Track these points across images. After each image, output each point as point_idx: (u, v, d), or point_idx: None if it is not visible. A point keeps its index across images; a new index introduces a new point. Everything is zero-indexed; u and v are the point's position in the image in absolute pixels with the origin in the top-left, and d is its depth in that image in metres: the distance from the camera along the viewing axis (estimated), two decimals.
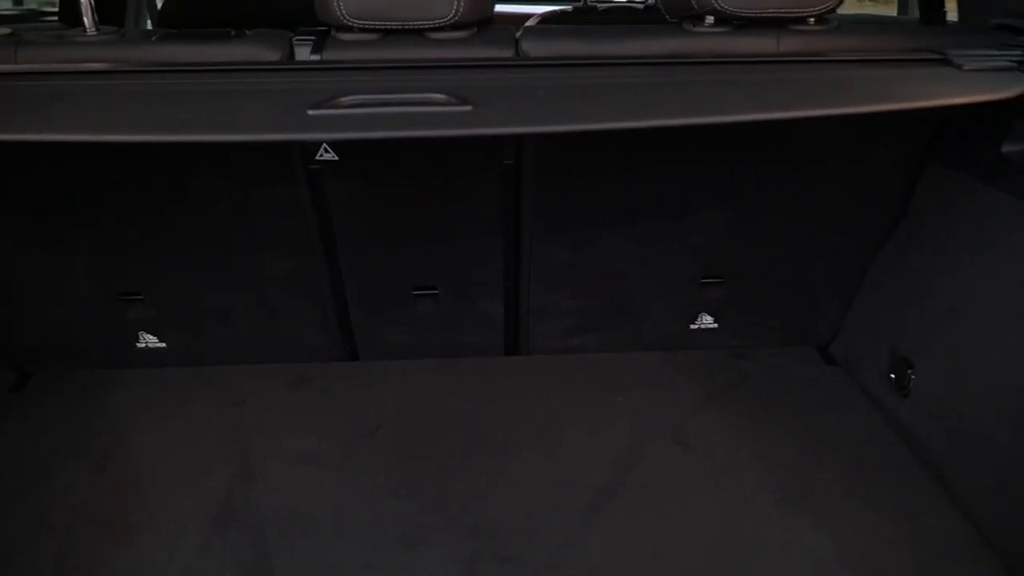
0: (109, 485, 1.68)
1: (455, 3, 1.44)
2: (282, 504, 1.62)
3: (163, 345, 1.99)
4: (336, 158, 1.63)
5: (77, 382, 2.01)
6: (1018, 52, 1.46)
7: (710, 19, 1.53)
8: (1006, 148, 1.53)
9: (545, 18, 2.64)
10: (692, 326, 2.05)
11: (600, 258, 1.90)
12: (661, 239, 1.89)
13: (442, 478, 1.69)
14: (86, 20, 1.55)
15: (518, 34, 1.57)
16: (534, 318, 2.01)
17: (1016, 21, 1.59)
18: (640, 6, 2.75)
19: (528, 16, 2.61)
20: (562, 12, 2.78)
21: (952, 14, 2.15)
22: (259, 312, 1.97)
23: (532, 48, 1.53)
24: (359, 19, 1.45)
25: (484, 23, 1.56)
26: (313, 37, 1.53)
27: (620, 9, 2.82)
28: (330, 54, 1.50)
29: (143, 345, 2.00)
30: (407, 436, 1.83)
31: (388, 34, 1.51)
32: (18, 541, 1.53)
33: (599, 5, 2.67)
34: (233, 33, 1.54)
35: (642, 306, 2.02)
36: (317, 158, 1.63)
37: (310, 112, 1.27)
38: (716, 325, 2.05)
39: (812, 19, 1.54)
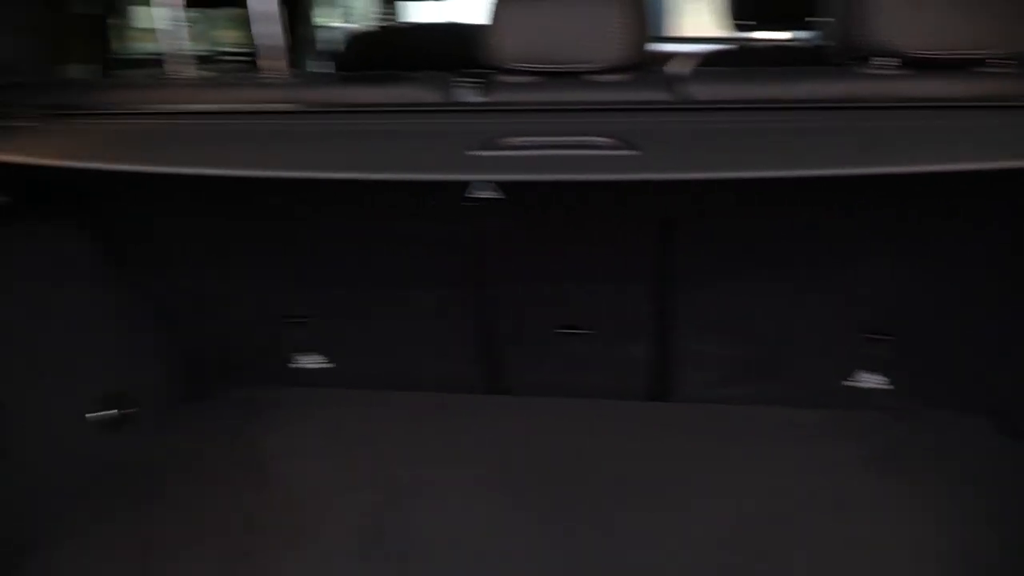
0: (268, 497, 1.78)
1: (614, 46, 1.44)
2: (425, 529, 1.66)
3: (323, 367, 2.09)
4: (492, 196, 1.67)
5: (243, 397, 2.15)
6: None
7: (886, 61, 1.45)
8: None
9: (708, 58, 2.59)
10: (851, 383, 1.93)
11: (754, 307, 1.83)
12: (820, 289, 1.79)
13: (575, 518, 1.67)
14: (277, 63, 1.67)
15: (678, 75, 1.55)
16: (682, 365, 1.96)
17: None
18: (807, 44, 2.65)
19: (674, 55, 2.57)
20: (725, 52, 2.73)
21: None
22: (411, 342, 2.03)
23: (695, 91, 1.50)
24: (519, 62, 1.48)
25: (641, 65, 1.55)
26: (473, 79, 1.58)
27: (784, 48, 2.73)
28: (490, 96, 1.53)
29: (305, 366, 2.10)
30: (544, 473, 1.82)
31: (547, 77, 1.53)
32: (185, 541, 1.65)
33: (758, 44, 2.60)
34: (399, 76, 1.61)
35: (797, 359, 1.92)
36: (474, 195, 1.67)
37: (471, 153, 1.31)
38: (878, 385, 1.92)
39: (1005, 60, 1.42)
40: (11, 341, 1.62)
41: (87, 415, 1.80)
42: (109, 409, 1.86)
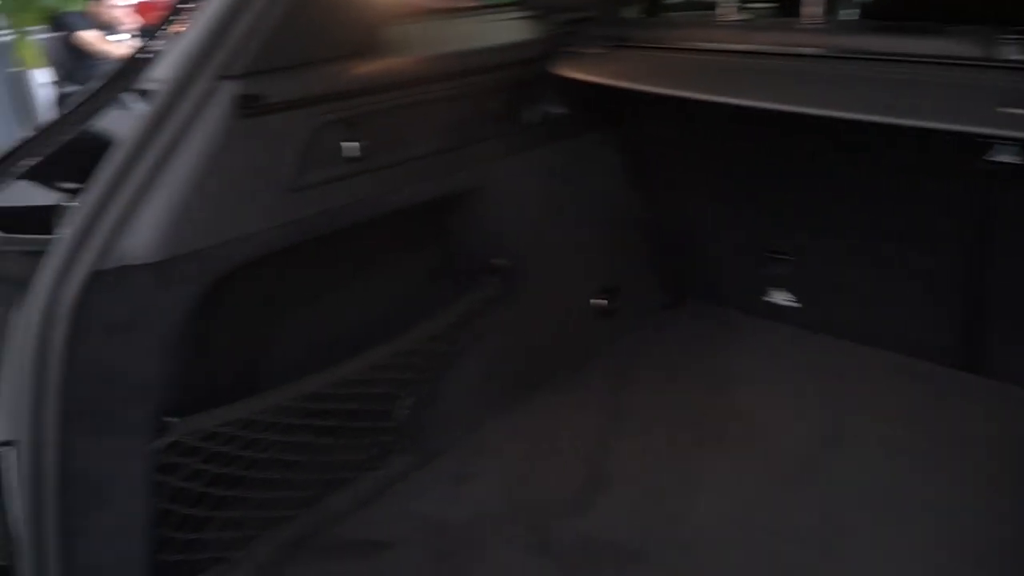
0: (711, 408, 1.97)
1: None
2: (846, 479, 1.68)
3: (796, 305, 2.18)
4: (1016, 160, 1.56)
5: (717, 316, 2.37)
6: None
7: None
8: None
9: None
10: None
11: None
12: None
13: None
14: (811, 10, 1.76)
15: None
16: None
17: None
18: None
19: None
20: None
21: None
22: (889, 300, 2.01)
23: None
24: None
25: None
26: (1018, 36, 1.47)
27: None
28: None
29: (778, 301, 2.23)
30: (996, 462, 1.69)
31: None
32: (642, 421, 1.92)
33: None
34: (933, 27, 1.57)
35: None
36: (995, 159, 1.59)
37: (1003, 110, 1.27)
38: None
39: None
40: (555, 226, 2.03)
41: (590, 300, 2.18)
42: (603, 299, 2.22)
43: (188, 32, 1.28)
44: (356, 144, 1.48)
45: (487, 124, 1.77)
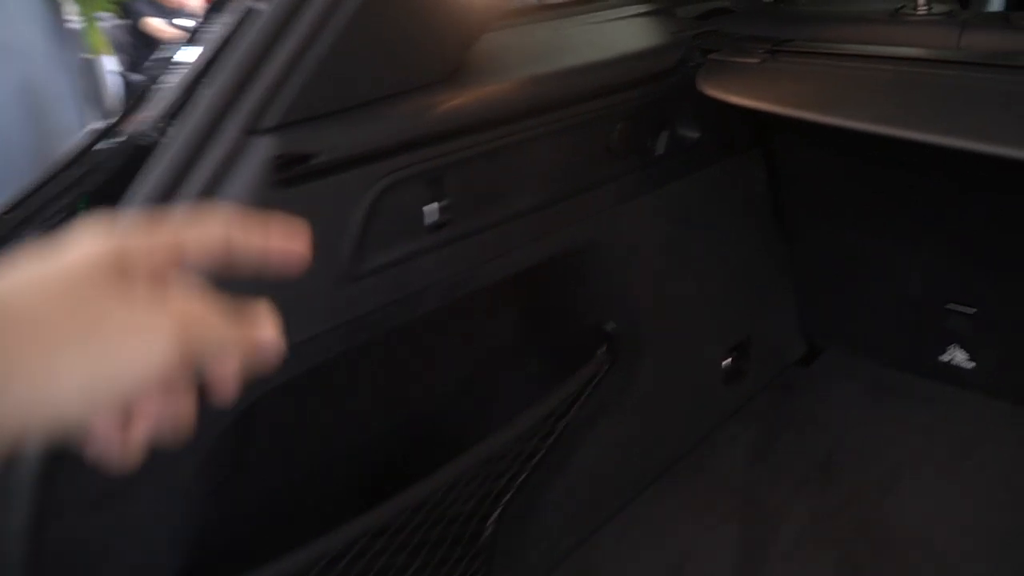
0: (890, 516, 1.54)
1: None
2: None
3: (971, 365, 1.72)
4: None
5: (865, 373, 1.92)
6: None
7: None
8: None
9: None
10: None
11: None
12: None
13: None
14: None
15: None
16: None
17: None
18: None
19: None
20: None
21: None
22: None
23: None
24: None
25: None
26: None
27: None
28: None
29: (947, 359, 1.76)
30: None
31: None
32: (780, 542, 1.51)
33: None
34: None
35: None
36: None
37: None
38: None
39: None
40: (678, 274, 1.61)
41: (721, 362, 1.76)
42: (733, 359, 1.79)
43: (201, 72, 0.90)
44: (437, 205, 1.09)
45: (606, 161, 1.35)
